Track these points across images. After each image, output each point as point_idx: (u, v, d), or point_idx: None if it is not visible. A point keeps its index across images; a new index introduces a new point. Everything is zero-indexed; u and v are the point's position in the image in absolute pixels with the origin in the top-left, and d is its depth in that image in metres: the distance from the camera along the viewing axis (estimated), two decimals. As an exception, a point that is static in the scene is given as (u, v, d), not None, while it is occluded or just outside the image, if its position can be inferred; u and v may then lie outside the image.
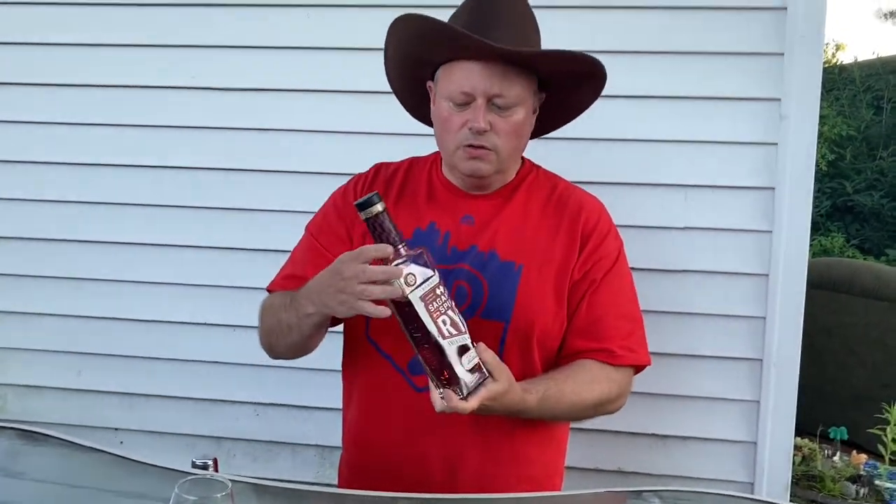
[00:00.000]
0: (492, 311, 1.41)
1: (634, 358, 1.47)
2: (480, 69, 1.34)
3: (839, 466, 3.09)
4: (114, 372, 2.53)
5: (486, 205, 1.48)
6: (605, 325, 1.45)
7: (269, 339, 1.48)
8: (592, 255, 1.46)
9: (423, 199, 1.51)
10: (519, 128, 1.40)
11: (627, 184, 2.22)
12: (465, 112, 1.37)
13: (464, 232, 1.46)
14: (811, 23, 2.10)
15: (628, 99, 2.18)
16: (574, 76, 1.43)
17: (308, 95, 2.35)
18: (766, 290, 2.19)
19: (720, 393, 2.26)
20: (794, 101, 2.12)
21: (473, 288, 1.42)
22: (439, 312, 1.18)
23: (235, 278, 2.41)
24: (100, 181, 2.47)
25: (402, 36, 1.41)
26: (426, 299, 1.17)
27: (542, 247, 1.45)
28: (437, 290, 1.18)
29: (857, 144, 7.78)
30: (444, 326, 1.18)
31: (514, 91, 1.36)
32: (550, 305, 1.43)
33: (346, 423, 1.57)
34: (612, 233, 1.51)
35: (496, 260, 1.43)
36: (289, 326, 1.39)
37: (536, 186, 1.52)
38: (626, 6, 2.19)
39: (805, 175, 2.14)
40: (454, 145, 1.40)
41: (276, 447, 2.50)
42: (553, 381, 1.38)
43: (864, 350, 4.16)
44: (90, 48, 2.44)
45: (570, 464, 1.63)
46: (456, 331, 1.19)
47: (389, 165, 1.58)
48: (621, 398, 1.49)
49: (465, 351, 1.20)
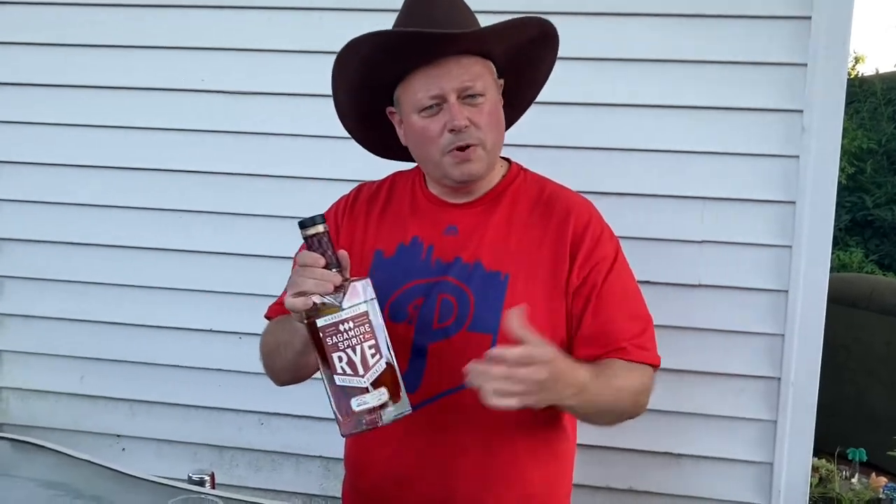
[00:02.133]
0: (478, 324, 1.37)
1: (647, 356, 1.41)
2: (438, 70, 1.33)
3: (858, 489, 3.02)
4: (117, 378, 2.50)
5: (470, 214, 1.45)
6: (613, 329, 1.40)
7: (269, 363, 1.48)
8: (589, 260, 1.41)
9: (406, 214, 1.48)
10: (495, 115, 1.39)
11: (645, 195, 2.17)
12: (439, 116, 1.35)
13: (448, 243, 1.43)
14: (835, 33, 2.06)
15: (648, 108, 2.14)
16: (525, 47, 1.42)
17: (309, 100, 2.31)
18: (786, 307, 2.13)
19: (736, 412, 2.20)
20: (817, 112, 2.07)
21: (459, 301, 1.38)
22: (336, 348, 1.17)
23: (242, 285, 2.38)
24: (104, 184, 2.45)
25: (348, 67, 1.39)
26: (325, 331, 1.17)
27: (528, 254, 1.41)
28: (341, 326, 1.17)
29: (877, 158, 7.69)
30: (337, 363, 1.18)
31: (478, 78, 1.35)
32: (540, 316, 1.37)
33: (346, 445, 1.55)
34: (606, 233, 1.46)
35: (481, 270, 1.39)
36: (283, 345, 1.37)
37: (523, 191, 1.48)
38: (650, 13, 2.15)
39: (827, 189, 2.09)
40: (439, 153, 1.37)
41: (279, 458, 2.46)
42: (594, 366, 1.33)
43: (882, 368, 4.09)
44: (76, 48, 2.43)
45: (580, 481, 1.59)
46: (351, 371, 1.18)
47: (372, 185, 1.56)
48: (646, 394, 1.43)
49: (355, 393, 1.18)
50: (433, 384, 1.36)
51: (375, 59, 1.35)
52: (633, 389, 1.38)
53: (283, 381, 1.50)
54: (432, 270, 1.40)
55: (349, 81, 1.42)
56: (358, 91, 1.43)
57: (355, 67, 1.38)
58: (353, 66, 1.38)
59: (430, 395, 1.37)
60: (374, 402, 1.19)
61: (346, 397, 1.18)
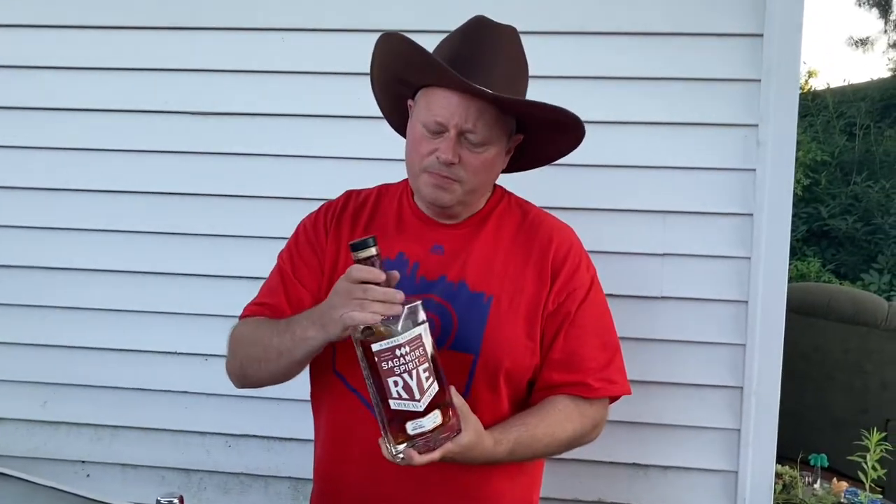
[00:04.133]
0: (460, 344, 1.38)
1: (613, 389, 1.45)
2: (458, 101, 1.33)
3: (820, 494, 3.07)
4: (81, 403, 2.46)
5: (457, 234, 1.46)
6: (581, 358, 1.43)
7: (247, 368, 1.44)
8: (566, 287, 1.44)
9: (392, 229, 1.48)
10: (488, 165, 1.39)
11: (607, 210, 2.20)
12: (436, 140, 1.36)
13: (433, 262, 1.44)
14: (786, 49, 2.11)
15: (608, 125, 2.16)
16: (549, 125, 1.42)
17: (284, 120, 2.32)
18: (746, 317, 2.17)
19: (701, 421, 2.23)
20: (772, 126, 2.12)
21: (443, 319, 1.39)
22: (392, 373, 1.16)
23: (207, 307, 2.35)
24: (65, 206, 2.42)
25: (384, 53, 1.40)
26: (381, 356, 1.16)
27: (512, 277, 1.43)
28: (397, 351, 1.16)
29: (831, 170, 7.88)
30: (393, 388, 1.17)
31: (488, 130, 1.35)
32: (520, 338, 1.40)
33: (315, 457, 1.54)
34: (585, 262, 1.49)
35: (466, 290, 1.41)
36: (280, 352, 1.35)
37: (507, 215, 1.50)
38: (609, 32, 2.18)
39: (783, 201, 2.14)
40: (419, 168, 1.39)
41: (248, 479, 2.44)
42: (524, 427, 1.37)
43: (842, 375, 4.17)
44: (60, 71, 2.40)
45: (549, 494, 1.60)
46: (408, 395, 1.17)
47: (360, 193, 1.56)
48: (596, 430, 1.47)
49: (411, 417, 1.18)
50: None
51: (407, 61, 1.36)
52: (568, 438, 1.42)
53: (254, 385, 1.47)
54: (416, 287, 1.40)
55: (384, 64, 1.43)
56: (386, 75, 1.44)
57: (388, 57, 1.40)
58: (386, 53, 1.40)
59: None
60: (429, 426, 1.19)
61: (400, 421, 1.18)
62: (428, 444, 1.19)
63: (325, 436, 1.49)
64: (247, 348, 1.44)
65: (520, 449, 1.34)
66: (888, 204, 7.31)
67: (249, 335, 1.44)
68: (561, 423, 1.40)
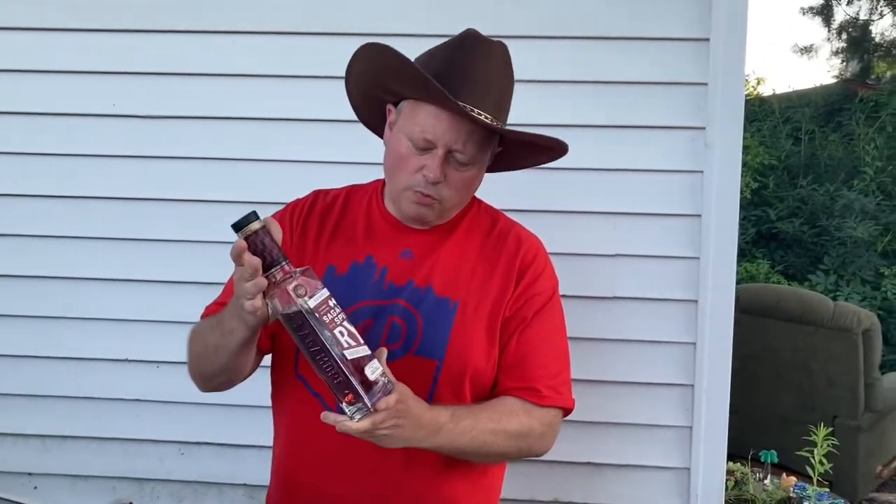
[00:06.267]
0: (425, 349, 1.37)
1: (560, 400, 1.44)
2: (448, 121, 1.32)
3: (770, 489, 3.13)
4: (27, 413, 2.40)
5: (426, 239, 1.45)
6: (532, 364, 1.42)
7: (199, 367, 1.42)
8: (525, 293, 1.44)
9: (361, 233, 1.47)
10: (470, 183, 1.40)
11: (557, 211, 2.23)
12: (422, 157, 1.34)
13: (402, 266, 1.42)
14: (732, 54, 2.15)
15: (555, 128, 2.14)
16: (535, 147, 1.44)
17: (253, 123, 2.30)
18: (696, 316, 2.21)
19: (653, 420, 2.27)
20: (718, 129, 2.16)
21: (408, 325, 1.38)
22: (334, 324, 1.16)
23: (158, 313, 2.32)
24: (13, 212, 2.36)
25: (373, 63, 1.37)
26: (320, 310, 1.15)
27: (479, 284, 1.43)
28: (329, 302, 1.16)
29: (778, 173, 8.04)
30: (341, 337, 1.16)
31: (475, 151, 1.35)
32: (483, 344, 1.40)
33: (274, 459, 1.52)
34: (548, 272, 1.49)
35: (432, 295, 1.40)
36: (216, 348, 1.32)
37: (477, 222, 1.50)
38: (558, 36, 2.21)
39: (731, 202, 2.18)
40: (404, 185, 1.37)
41: (202, 488, 2.40)
42: (464, 407, 1.36)
43: (790, 374, 4.26)
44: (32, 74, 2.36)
45: (506, 495, 1.60)
46: (354, 342, 1.17)
47: (328, 193, 1.54)
48: (546, 437, 1.45)
49: (367, 361, 1.17)
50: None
51: (399, 76, 1.33)
52: (514, 432, 1.38)
53: (213, 386, 1.44)
54: (384, 293, 1.39)
55: (370, 73, 1.39)
56: (370, 82, 1.41)
57: (376, 67, 1.37)
58: (375, 64, 1.36)
59: None
60: (380, 365, 1.18)
61: (359, 371, 1.15)
62: (386, 388, 1.18)
63: (286, 438, 1.47)
64: (195, 346, 1.41)
65: (461, 424, 1.30)
66: (833, 206, 7.48)
67: (197, 333, 1.42)
68: (506, 415, 1.38)
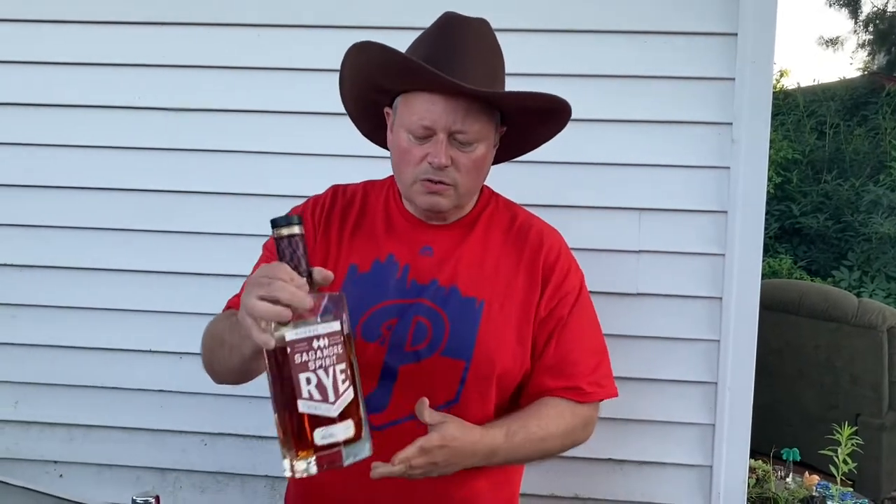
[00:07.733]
0: (453, 350, 1.36)
1: (603, 393, 1.46)
2: (443, 103, 1.30)
3: (792, 488, 3.11)
4: (53, 402, 2.43)
5: (446, 236, 1.44)
6: (573, 361, 1.42)
7: (212, 363, 1.38)
8: (557, 292, 1.43)
9: (381, 230, 1.45)
10: (480, 163, 1.37)
11: (582, 207, 2.21)
12: (425, 145, 1.33)
13: (423, 264, 1.41)
14: (760, 49, 2.13)
15: (583, 122, 2.15)
16: (537, 112, 1.41)
17: (262, 116, 2.30)
18: (720, 314, 2.19)
19: (676, 417, 2.25)
20: (745, 125, 2.14)
21: (434, 325, 1.37)
22: (306, 368, 1.01)
23: (182, 304, 2.34)
24: (34, 203, 2.38)
25: (360, 64, 1.36)
26: (296, 346, 1.00)
27: (503, 282, 1.42)
28: (314, 343, 1.01)
29: (802, 168, 7.98)
30: (304, 385, 1.00)
31: (477, 127, 1.33)
32: (511, 344, 1.40)
33: None
34: (573, 267, 1.49)
35: (457, 295, 1.39)
36: (230, 348, 1.26)
37: (496, 218, 1.49)
38: (581, 30, 2.19)
39: (757, 198, 2.16)
40: (412, 178, 1.36)
41: (224, 478, 2.42)
42: (514, 420, 1.36)
43: (813, 371, 4.23)
44: (33, 66, 2.36)
45: (526, 491, 1.60)
46: (320, 396, 1.01)
47: (346, 189, 1.52)
48: (587, 429, 1.47)
49: (321, 423, 1.01)
50: (401, 406, 1.34)
51: (386, 69, 1.32)
52: (562, 433, 1.41)
53: (223, 381, 1.40)
54: (407, 291, 1.38)
55: (359, 74, 1.38)
56: (361, 84, 1.40)
57: (364, 67, 1.36)
58: (362, 63, 1.36)
59: (398, 416, 1.35)
60: (341, 436, 1.03)
61: (307, 428, 1.01)
62: (333, 462, 1.03)
63: None
64: (209, 341, 1.38)
65: (515, 439, 1.33)
66: (857, 202, 7.41)
67: (213, 328, 1.38)
68: (554, 419, 1.39)
